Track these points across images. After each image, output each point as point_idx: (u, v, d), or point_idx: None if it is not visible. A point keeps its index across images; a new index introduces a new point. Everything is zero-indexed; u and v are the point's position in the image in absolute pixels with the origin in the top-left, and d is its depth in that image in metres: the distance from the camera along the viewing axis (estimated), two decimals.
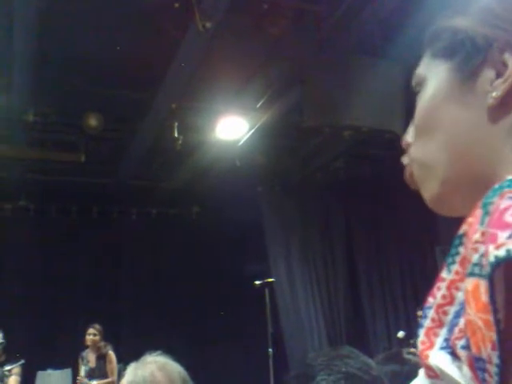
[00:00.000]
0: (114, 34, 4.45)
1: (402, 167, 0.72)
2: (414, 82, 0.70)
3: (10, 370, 5.77)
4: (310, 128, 4.80)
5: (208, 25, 3.63)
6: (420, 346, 0.57)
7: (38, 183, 7.01)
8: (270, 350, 6.13)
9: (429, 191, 0.66)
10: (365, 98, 4.47)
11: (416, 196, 0.70)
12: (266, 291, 6.30)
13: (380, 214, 7.28)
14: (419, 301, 6.69)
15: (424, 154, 0.66)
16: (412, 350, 6.37)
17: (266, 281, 6.40)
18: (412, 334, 6.45)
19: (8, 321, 6.03)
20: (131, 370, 1.79)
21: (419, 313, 6.58)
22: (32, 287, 7.04)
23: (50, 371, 6.42)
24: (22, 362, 5.86)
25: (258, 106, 5.40)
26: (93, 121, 5.56)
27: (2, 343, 5.82)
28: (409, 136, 0.69)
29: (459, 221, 0.54)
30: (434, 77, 0.67)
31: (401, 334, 6.51)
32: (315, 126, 4.63)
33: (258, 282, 6.33)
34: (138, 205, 7.92)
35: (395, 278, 7.39)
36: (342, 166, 6.88)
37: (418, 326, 0.58)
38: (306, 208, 7.35)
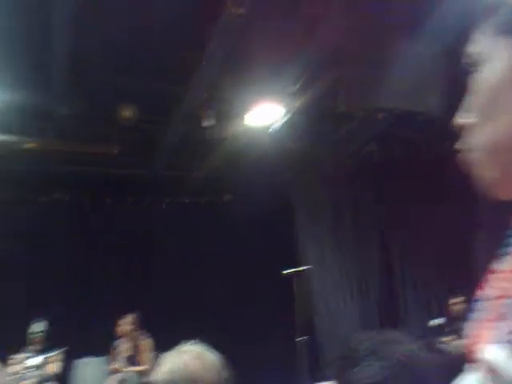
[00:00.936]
0: (147, 25, 4.47)
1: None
2: (468, 61, 0.65)
3: (50, 357, 5.89)
4: (344, 112, 4.74)
5: (241, 11, 3.59)
6: (472, 340, 0.54)
7: (73, 175, 7.11)
8: (301, 338, 6.10)
9: (489, 176, 0.63)
10: (398, 80, 4.40)
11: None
12: (295, 280, 6.27)
13: (414, 198, 7.16)
14: (453, 288, 6.57)
15: (487, 137, 0.62)
16: (446, 338, 6.26)
17: (295, 269, 6.37)
18: (446, 323, 6.34)
19: (44, 311, 6.14)
20: (166, 359, 1.80)
21: (453, 300, 6.45)
22: (67, 277, 7.17)
23: (86, 359, 6.53)
24: (63, 349, 5.96)
25: (291, 91, 5.34)
26: (126, 112, 5.60)
27: (42, 331, 5.94)
28: (466, 117, 0.64)
29: (501, 205, 0.52)
30: (495, 58, 0.62)
31: (435, 322, 6.41)
32: (350, 110, 4.58)
33: (287, 271, 6.30)
34: (170, 194, 7.97)
35: (430, 265, 7.28)
36: (375, 150, 6.78)
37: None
38: (339, 194, 7.29)
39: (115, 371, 6.17)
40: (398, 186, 7.22)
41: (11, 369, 5.48)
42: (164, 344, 2.19)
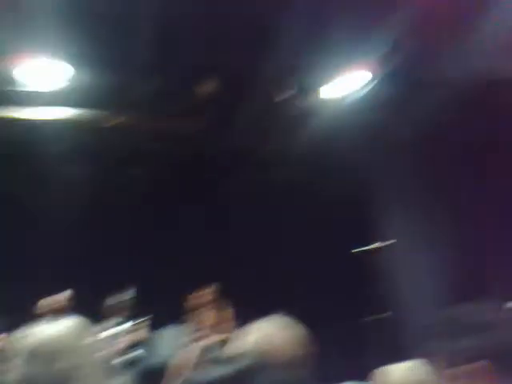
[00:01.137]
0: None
1: None
2: None
3: (137, 324, 6.10)
4: (425, 82, 4.58)
5: None
6: None
7: (152, 152, 7.27)
8: (374, 316, 6.02)
9: None
10: (484, 48, 4.21)
11: None
12: (370, 257, 6.17)
13: (506, 170, 6.78)
14: None
15: None
16: None
17: (368, 247, 6.26)
18: None
19: (131, 279, 6.37)
20: (250, 331, 1.80)
21: None
22: (152, 252, 7.43)
23: (170, 327, 6.70)
24: (149, 316, 6.15)
25: (374, 60, 5.17)
26: (207, 88, 5.61)
27: (129, 299, 6.15)
28: None
29: None
30: None
31: None
32: (432, 79, 4.42)
33: (358, 249, 6.20)
34: (249, 170, 7.96)
35: None
36: (456, 122, 6.46)
37: None
38: (421, 167, 7.04)
39: (198, 339, 6.30)
40: (485, 158, 6.88)
41: (100, 336, 5.72)
42: (244, 316, 2.20)
